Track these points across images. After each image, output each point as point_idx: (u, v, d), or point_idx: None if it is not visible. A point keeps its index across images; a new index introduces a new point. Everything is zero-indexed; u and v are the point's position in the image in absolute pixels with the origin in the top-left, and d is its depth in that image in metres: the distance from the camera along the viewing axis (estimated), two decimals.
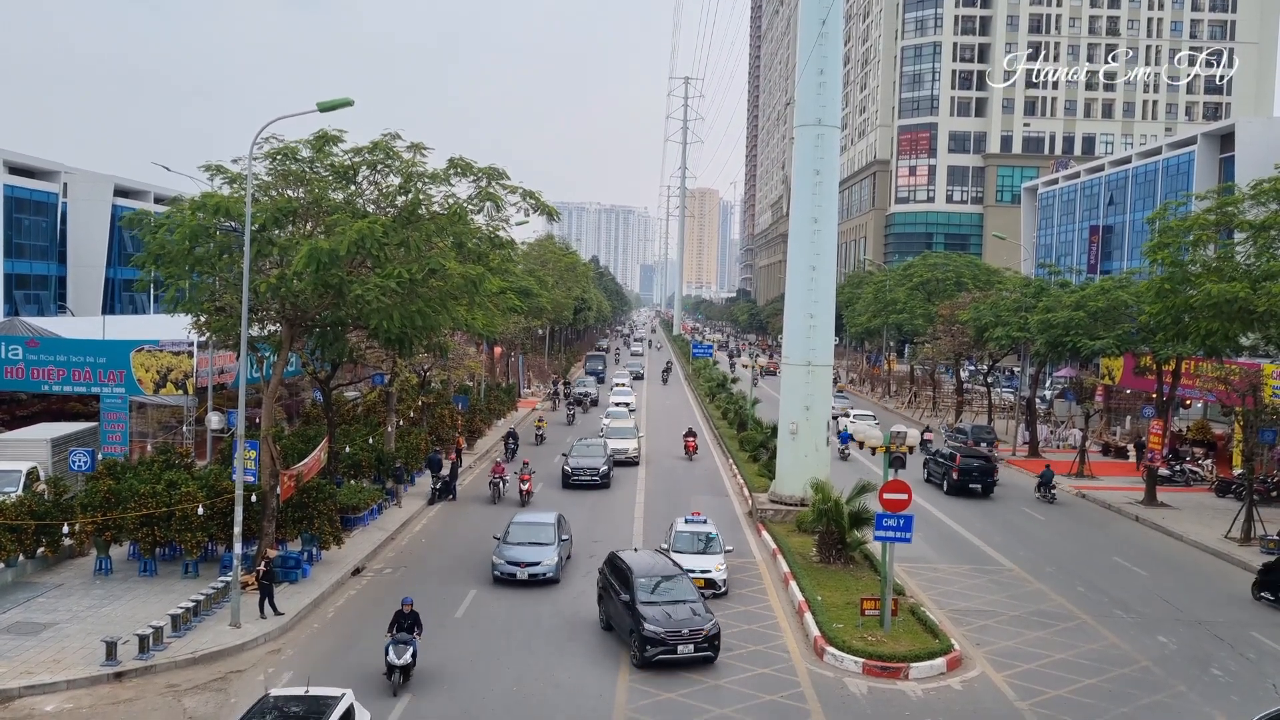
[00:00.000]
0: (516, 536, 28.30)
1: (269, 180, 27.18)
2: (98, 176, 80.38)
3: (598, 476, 41.54)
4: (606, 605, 24.06)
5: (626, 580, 23.22)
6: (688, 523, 29.64)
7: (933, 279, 76.85)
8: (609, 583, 24.11)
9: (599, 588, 24.88)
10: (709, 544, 28.17)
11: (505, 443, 48.36)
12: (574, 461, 42.17)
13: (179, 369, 36.14)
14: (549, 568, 27.27)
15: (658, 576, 23.48)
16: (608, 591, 24.04)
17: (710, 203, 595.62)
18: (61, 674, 20.03)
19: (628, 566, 23.79)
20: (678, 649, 21.33)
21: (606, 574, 24.57)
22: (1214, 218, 35.44)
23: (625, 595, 22.77)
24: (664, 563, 24.71)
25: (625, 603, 22.57)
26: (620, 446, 47.17)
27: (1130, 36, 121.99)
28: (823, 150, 35.39)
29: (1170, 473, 45.67)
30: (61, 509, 26.13)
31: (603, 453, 42.97)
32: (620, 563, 24.25)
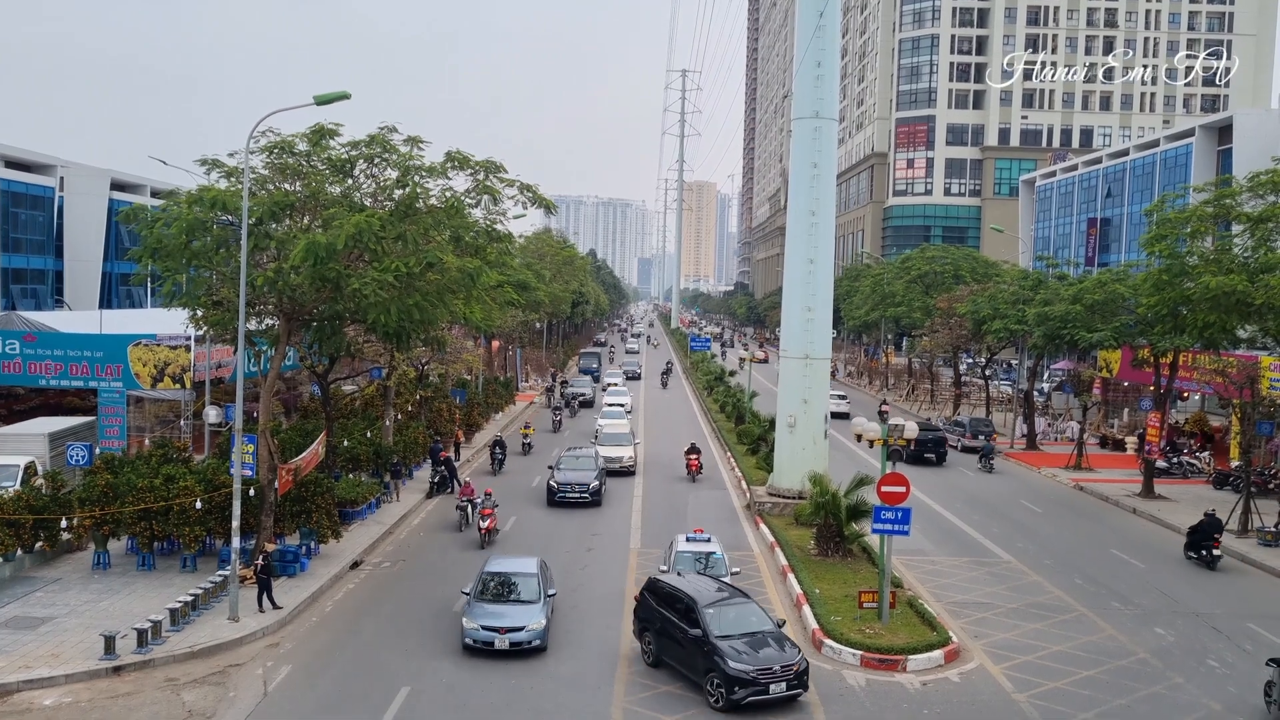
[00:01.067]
0: (491, 593, 22.97)
1: (266, 174, 27.14)
2: (94, 170, 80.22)
3: (587, 494, 36.76)
4: (657, 640, 21.29)
5: (690, 612, 20.61)
6: (690, 541, 26.72)
7: (931, 272, 76.85)
8: (660, 615, 21.37)
9: (638, 619, 22.09)
10: (713, 565, 25.38)
11: (491, 452, 43.93)
12: (561, 475, 37.45)
13: (176, 363, 36.12)
14: (535, 633, 21.73)
15: (726, 604, 21.00)
16: (657, 624, 21.30)
17: (708, 196, 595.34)
18: (60, 668, 20.05)
19: (687, 595, 21.14)
20: (770, 688, 19.06)
21: (654, 604, 21.73)
22: (1212, 210, 35.44)
23: (693, 630, 20.15)
24: (719, 587, 22.16)
25: (696, 639, 20.00)
26: (614, 454, 43.36)
27: (1128, 29, 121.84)
28: (820, 143, 35.36)
29: (1168, 465, 45.74)
30: (59, 503, 26.14)
31: (593, 465, 38.45)
32: (671, 590, 21.69)
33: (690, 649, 20.16)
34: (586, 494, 36.77)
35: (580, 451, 40.33)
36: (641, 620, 21.96)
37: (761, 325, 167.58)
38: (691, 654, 20.11)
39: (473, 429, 51.28)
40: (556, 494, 36.82)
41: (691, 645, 20.11)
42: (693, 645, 20.08)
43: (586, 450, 40.80)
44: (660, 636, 21.18)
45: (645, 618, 21.83)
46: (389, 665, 21.21)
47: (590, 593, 26.71)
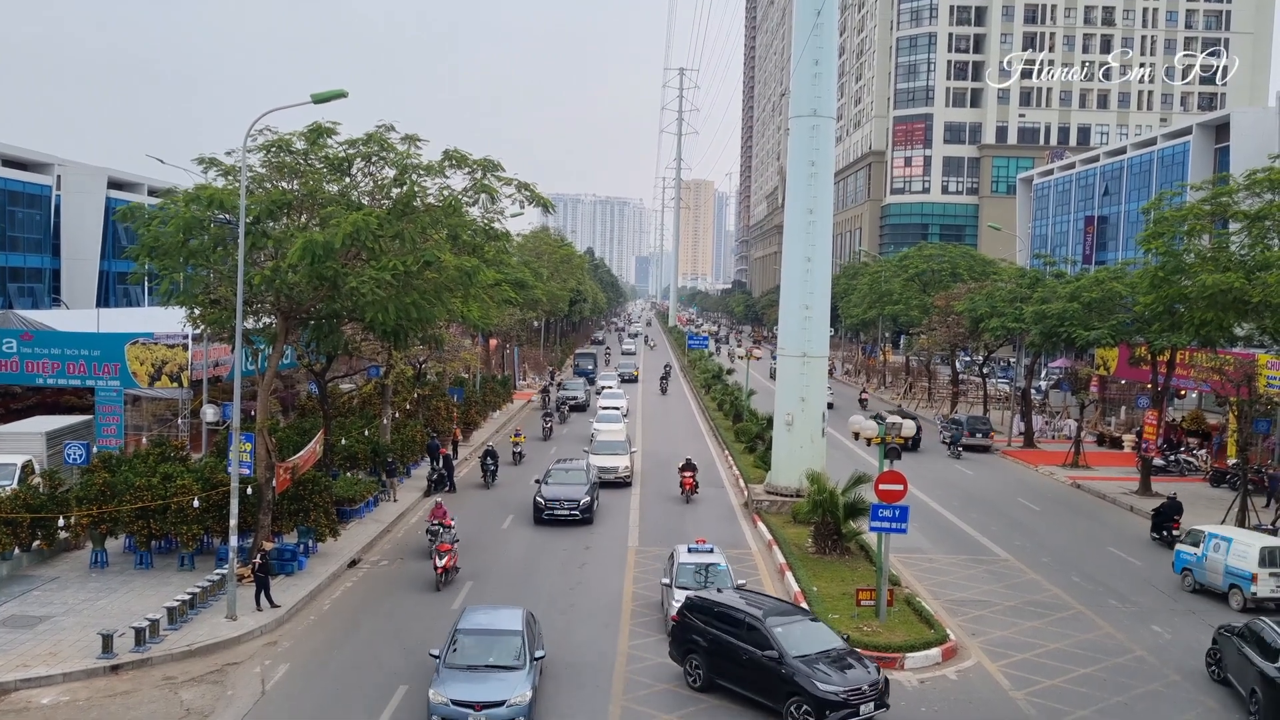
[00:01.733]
0: (465, 656, 18.91)
1: (263, 172, 27.15)
2: (91, 169, 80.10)
3: (577, 510, 33.57)
4: (708, 662, 19.92)
5: (754, 630, 19.37)
6: (692, 552, 24.94)
7: (928, 270, 76.85)
8: (711, 635, 19.99)
9: (680, 641, 20.66)
10: (717, 576, 23.78)
11: (482, 464, 40.56)
12: (549, 490, 34.35)
13: (174, 362, 36.12)
14: (518, 709, 17.87)
15: (793, 621, 19.91)
16: (707, 645, 19.98)
17: (705, 194, 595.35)
18: (58, 667, 20.04)
19: (747, 612, 19.91)
20: (860, 709, 18.07)
21: (701, 624, 20.35)
22: (1209, 208, 35.46)
23: (765, 651, 18.90)
24: (776, 603, 21.37)
25: (769, 660, 18.77)
26: (609, 464, 40.34)
27: (1125, 27, 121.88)
28: (818, 141, 35.37)
29: (1165, 463, 45.79)
30: (57, 502, 26.12)
31: (584, 479, 35.14)
32: (725, 608, 20.34)
33: (759, 671, 18.99)
34: (576, 511, 33.52)
35: (570, 464, 37.23)
36: (685, 642, 20.41)
37: (759, 323, 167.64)
38: (762, 676, 18.92)
39: (470, 427, 51.26)
40: (544, 511, 33.55)
41: (761, 667, 18.95)
42: (763, 667, 18.91)
43: (577, 462, 37.60)
44: (712, 657, 19.82)
45: (690, 639, 20.31)
46: (387, 663, 21.21)
47: (577, 625, 23.79)
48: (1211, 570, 27.55)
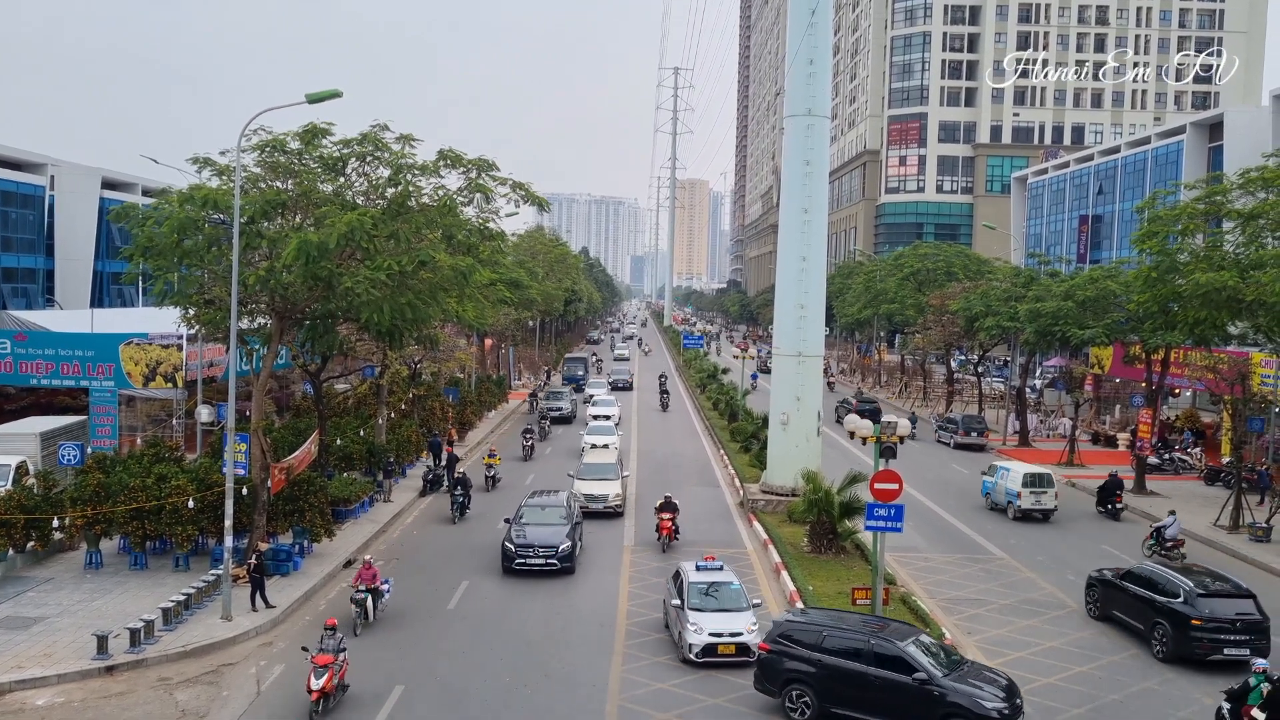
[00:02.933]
0: None
1: (258, 172, 27.11)
2: (85, 169, 79.98)
3: (555, 559, 27.49)
4: (823, 687, 18.67)
5: (889, 653, 18.41)
6: (700, 570, 23.47)
7: (923, 269, 76.96)
8: (827, 665, 18.80)
9: (772, 672, 19.29)
10: (730, 596, 22.66)
11: (451, 495, 34.90)
12: (520, 533, 28.14)
13: (168, 362, 36.03)
14: None
15: (919, 639, 19.16)
16: (820, 674, 18.78)
17: (700, 194, 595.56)
18: (52, 668, 20.00)
19: (880, 637, 18.85)
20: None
21: (806, 651, 19.09)
22: (1203, 207, 35.57)
23: (915, 675, 17.88)
24: (880, 622, 20.25)
25: (920, 682, 17.83)
26: (596, 491, 35.30)
27: (1119, 26, 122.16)
28: (813, 140, 35.40)
29: (1159, 461, 45.88)
30: (51, 503, 26.07)
31: (564, 517, 29.27)
32: (847, 634, 19.15)
33: (900, 695, 17.96)
34: (554, 559, 27.48)
35: (547, 498, 30.96)
36: (783, 672, 19.08)
37: (754, 323, 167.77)
38: (904, 701, 17.91)
39: (466, 427, 51.22)
40: (515, 559, 27.48)
41: (903, 690, 17.93)
42: (906, 690, 17.91)
43: (555, 496, 31.48)
44: (826, 685, 18.62)
45: (790, 668, 19.01)
46: (383, 663, 21.18)
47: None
48: (997, 493, 37.63)
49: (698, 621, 21.67)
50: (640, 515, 35.19)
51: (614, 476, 36.75)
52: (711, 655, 21.33)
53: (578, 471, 37.50)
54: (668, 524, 31.04)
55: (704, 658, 21.34)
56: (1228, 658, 21.57)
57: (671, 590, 23.38)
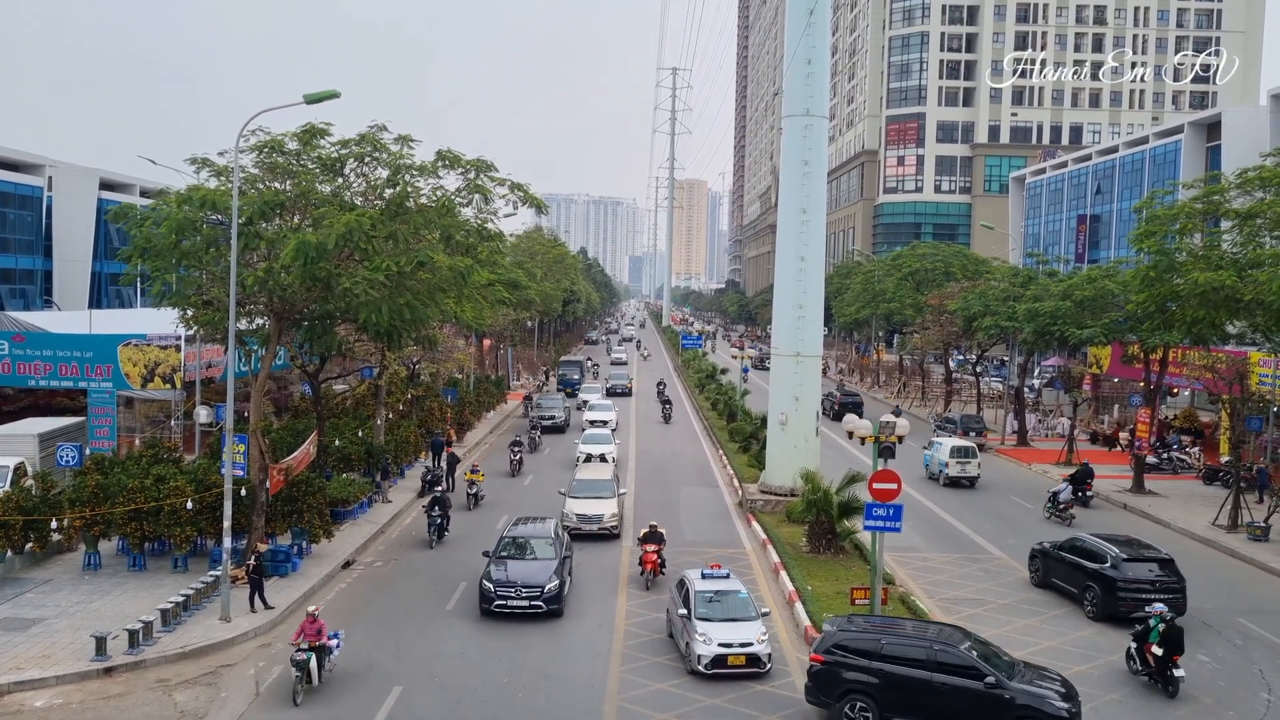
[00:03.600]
0: None
1: (256, 173, 27.11)
2: (83, 170, 79.96)
3: (540, 599, 23.89)
4: (886, 697, 18.33)
5: (954, 659, 18.21)
6: (706, 578, 22.73)
7: (921, 269, 77.00)
8: (890, 670, 18.45)
9: (828, 684, 18.78)
10: (738, 605, 21.89)
11: (428, 516, 31.31)
12: (501, 569, 24.60)
13: (166, 363, 36.00)
14: None
15: (976, 643, 19.04)
16: (883, 681, 18.43)
17: (699, 194, 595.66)
18: (51, 669, 19.98)
19: (942, 643, 18.55)
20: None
21: (866, 661, 18.65)
22: (1200, 206, 35.59)
23: (986, 680, 17.74)
24: (951, 631, 19.80)
25: (990, 686, 17.70)
26: (591, 510, 32.21)
27: (1117, 26, 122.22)
28: (811, 140, 35.40)
29: (1158, 460, 45.90)
30: (49, 504, 26.05)
31: (551, 549, 25.68)
32: (908, 642, 18.85)
33: (969, 700, 17.85)
34: (539, 599, 23.87)
35: (531, 529, 26.98)
36: (840, 683, 18.55)
37: (753, 323, 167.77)
38: (973, 706, 17.85)
39: (465, 428, 51.23)
40: (494, 599, 23.91)
41: (972, 696, 17.82)
42: (975, 696, 17.80)
43: (540, 527, 27.22)
44: (889, 694, 18.31)
45: (848, 678, 18.51)
46: (382, 664, 21.17)
47: None
48: (933, 463, 43.55)
49: (706, 632, 20.92)
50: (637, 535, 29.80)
51: (609, 494, 33.36)
52: (721, 666, 20.62)
53: (569, 488, 34.05)
54: (652, 557, 27.15)
55: (713, 669, 20.61)
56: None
57: (676, 599, 22.65)
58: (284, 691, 19.53)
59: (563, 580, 24.87)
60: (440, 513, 31.08)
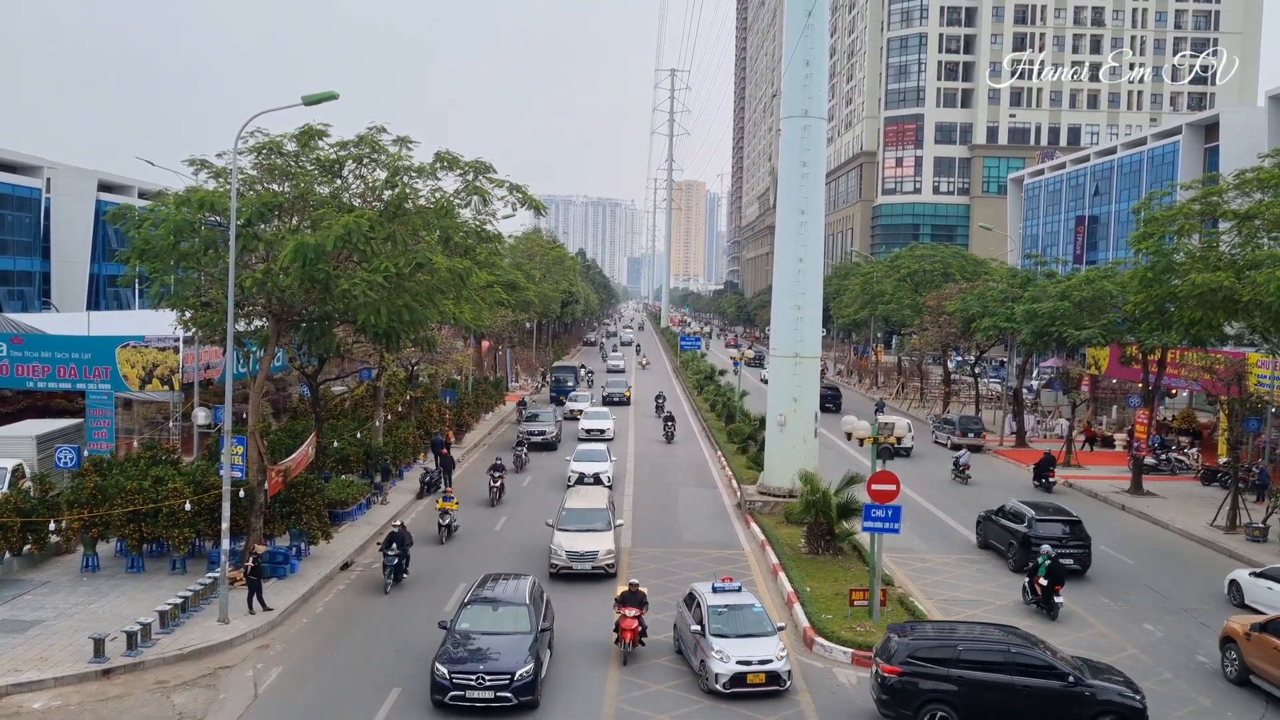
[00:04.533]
0: None
1: (254, 174, 27.08)
2: (81, 171, 79.91)
3: (508, 688, 18.89)
4: (966, 703, 18.11)
5: (1032, 660, 18.36)
6: (717, 592, 21.68)
7: (920, 270, 77.04)
8: (970, 677, 18.21)
9: (914, 696, 18.35)
10: (752, 621, 20.94)
11: (384, 554, 26.33)
12: (458, 648, 19.71)
13: (165, 364, 36.01)
14: None
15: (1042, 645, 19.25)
16: (963, 689, 18.18)
17: (697, 195, 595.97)
18: (49, 671, 19.96)
19: (1017, 645, 18.68)
20: None
21: (941, 669, 18.36)
22: (1198, 207, 35.57)
23: (1065, 679, 17.99)
24: (1004, 628, 19.84)
25: (1070, 683, 18.00)
26: (583, 547, 27.60)
27: (1115, 27, 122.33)
28: (809, 142, 35.40)
29: (1156, 461, 45.91)
30: (48, 506, 26.01)
31: (529, 617, 20.64)
32: (988, 647, 18.68)
33: (1051, 700, 17.95)
34: (507, 689, 18.87)
35: (500, 590, 21.72)
36: (919, 694, 18.20)
37: (751, 324, 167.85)
38: (1054, 705, 17.95)
39: (463, 429, 51.22)
40: (449, 691, 18.86)
41: (1053, 696, 17.95)
42: (1056, 695, 17.94)
43: (512, 588, 21.82)
44: (970, 700, 18.05)
45: (927, 689, 18.18)
46: (380, 666, 21.16)
47: None
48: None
49: (723, 648, 19.86)
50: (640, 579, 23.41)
51: (604, 525, 28.71)
52: (740, 685, 19.58)
53: (558, 519, 29.14)
54: (632, 624, 21.60)
55: (732, 688, 19.56)
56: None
57: (686, 615, 21.72)
58: (284, 693, 19.54)
59: (539, 661, 19.63)
60: (398, 551, 26.31)
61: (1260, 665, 20.55)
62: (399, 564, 26.44)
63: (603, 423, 52.40)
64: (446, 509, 31.95)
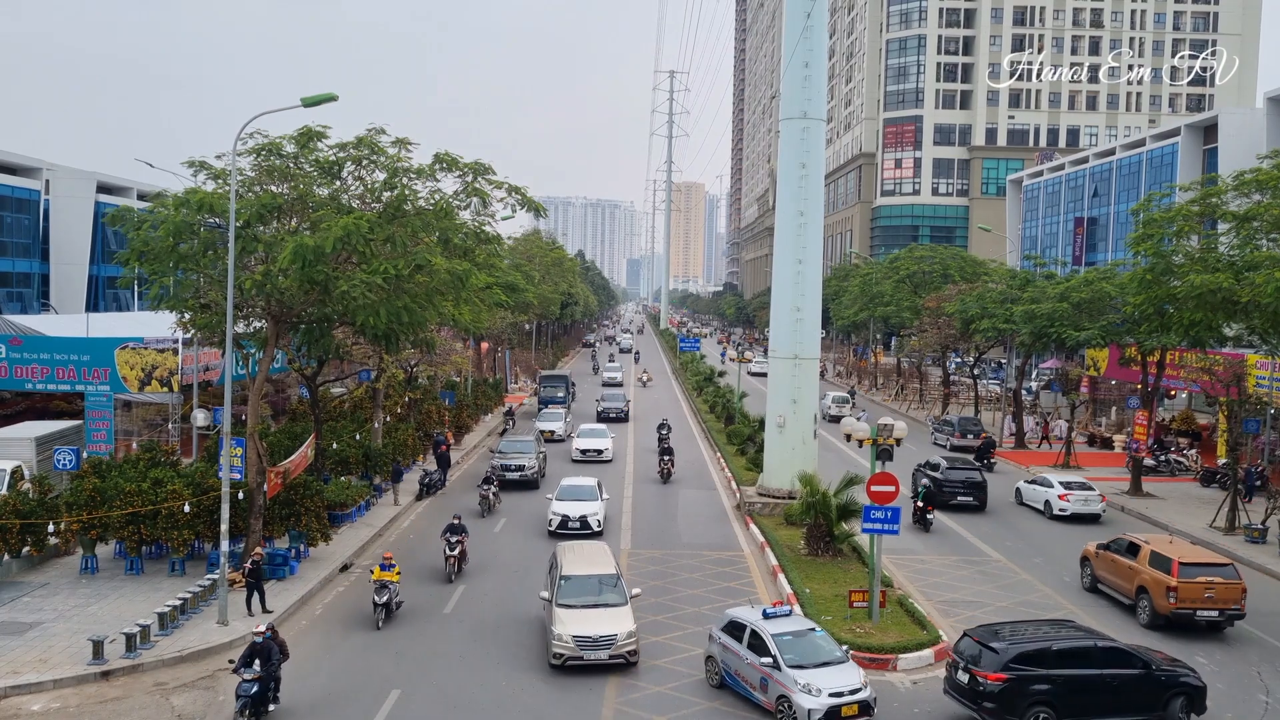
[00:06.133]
0: None
1: (253, 176, 27.07)
2: (80, 173, 79.84)
3: None
4: (1065, 700, 18.34)
5: (1119, 654, 19.09)
6: (770, 618, 20.00)
7: (919, 271, 77.08)
8: (1067, 675, 18.53)
9: (1023, 699, 18.28)
10: (826, 647, 19.48)
11: (239, 674, 18.17)
12: None
13: (164, 366, 35.99)
14: None
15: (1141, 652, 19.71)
16: (1061, 687, 18.43)
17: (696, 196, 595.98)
18: (48, 673, 19.94)
19: (1103, 641, 19.39)
20: None
21: (1055, 668, 18.56)
22: (1197, 209, 35.60)
23: (1147, 667, 18.89)
24: (1084, 628, 20.47)
25: (1149, 669, 18.86)
26: (592, 631, 21.06)
27: (1114, 29, 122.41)
28: (808, 143, 35.41)
29: (1155, 463, 45.92)
30: (47, 508, 25.99)
31: None
32: (1080, 648, 18.98)
33: (1134, 687, 18.65)
34: None
35: None
36: (1026, 695, 18.19)
37: (750, 325, 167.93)
38: (1138, 691, 18.68)
39: (462, 431, 51.21)
40: None
41: (1136, 683, 18.66)
42: (1138, 682, 18.66)
43: None
44: (1068, 698, 18.32)
45: (1032, 690, 18.24)
46: (379, 668, 21.14)
47: None
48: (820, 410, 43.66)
49: (809, 681, 18.18)
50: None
51: (618, 597, 22.27)
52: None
53: (554, 591, 22.36)
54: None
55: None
56: (960, 502, 38.09)
57: (736, 646, 19.84)
58: (281, 694, 19.49)
59: None
60: (257, 674, 17.97)
61: (1104, 575, 27.26)
62: (257, 693, 17.80)
63: (600, 442, 46.56)
64: (385, 581, 23.92)
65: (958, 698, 19.08)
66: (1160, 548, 25.75)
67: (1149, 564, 25.40)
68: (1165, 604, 24.46)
